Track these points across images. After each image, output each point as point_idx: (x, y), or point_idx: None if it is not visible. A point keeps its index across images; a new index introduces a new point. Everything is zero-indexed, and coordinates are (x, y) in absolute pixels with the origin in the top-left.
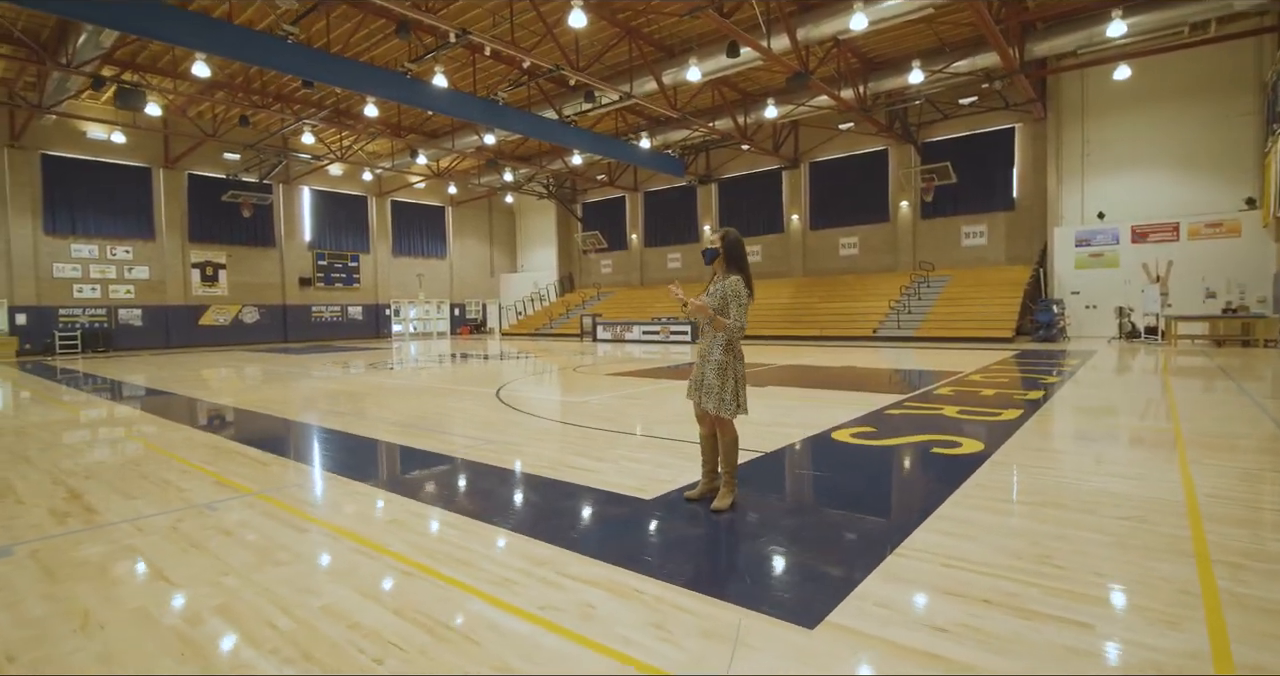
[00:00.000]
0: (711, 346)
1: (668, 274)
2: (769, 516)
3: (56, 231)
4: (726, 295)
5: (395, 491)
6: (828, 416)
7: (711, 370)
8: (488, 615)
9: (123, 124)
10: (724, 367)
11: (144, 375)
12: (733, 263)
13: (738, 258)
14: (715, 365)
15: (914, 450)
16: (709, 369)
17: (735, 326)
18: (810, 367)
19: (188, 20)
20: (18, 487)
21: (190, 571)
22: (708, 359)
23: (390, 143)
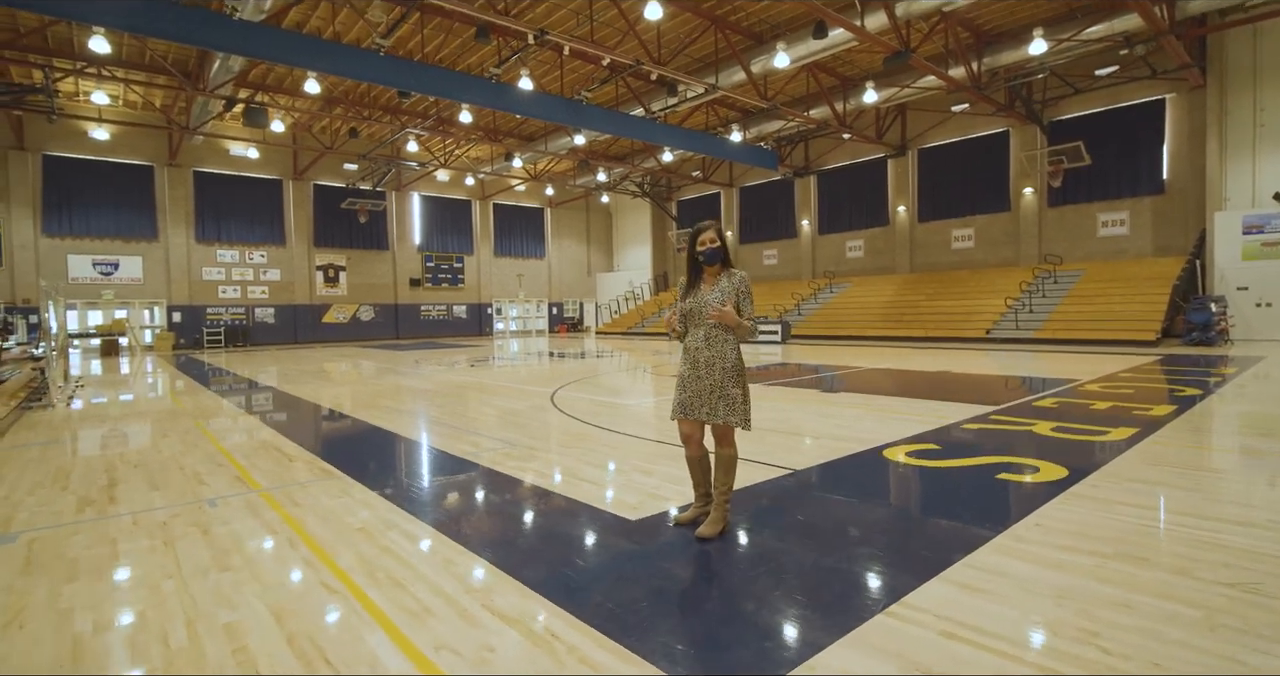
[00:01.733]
0: (724, 350)
1: (763, 271)
2: (758, 550)
3: (205, 239)
4: (740, 292)
5: (385, 495)
6: (889, 430)
7: (729, 378)
8: (374, 652)
9: (257, 141)
10: (741, 374)
11: (253, 368)
12: (727, 259)
13: (728, 253)
14: (732, 373)
15: (975, 474)
16: (725, 378)
17: (755, 326)
18: (898, 372)
19: (297, 42)
20: (73, 473)
21: (142, 572)
22: (720, 366)
23: (490, 147)
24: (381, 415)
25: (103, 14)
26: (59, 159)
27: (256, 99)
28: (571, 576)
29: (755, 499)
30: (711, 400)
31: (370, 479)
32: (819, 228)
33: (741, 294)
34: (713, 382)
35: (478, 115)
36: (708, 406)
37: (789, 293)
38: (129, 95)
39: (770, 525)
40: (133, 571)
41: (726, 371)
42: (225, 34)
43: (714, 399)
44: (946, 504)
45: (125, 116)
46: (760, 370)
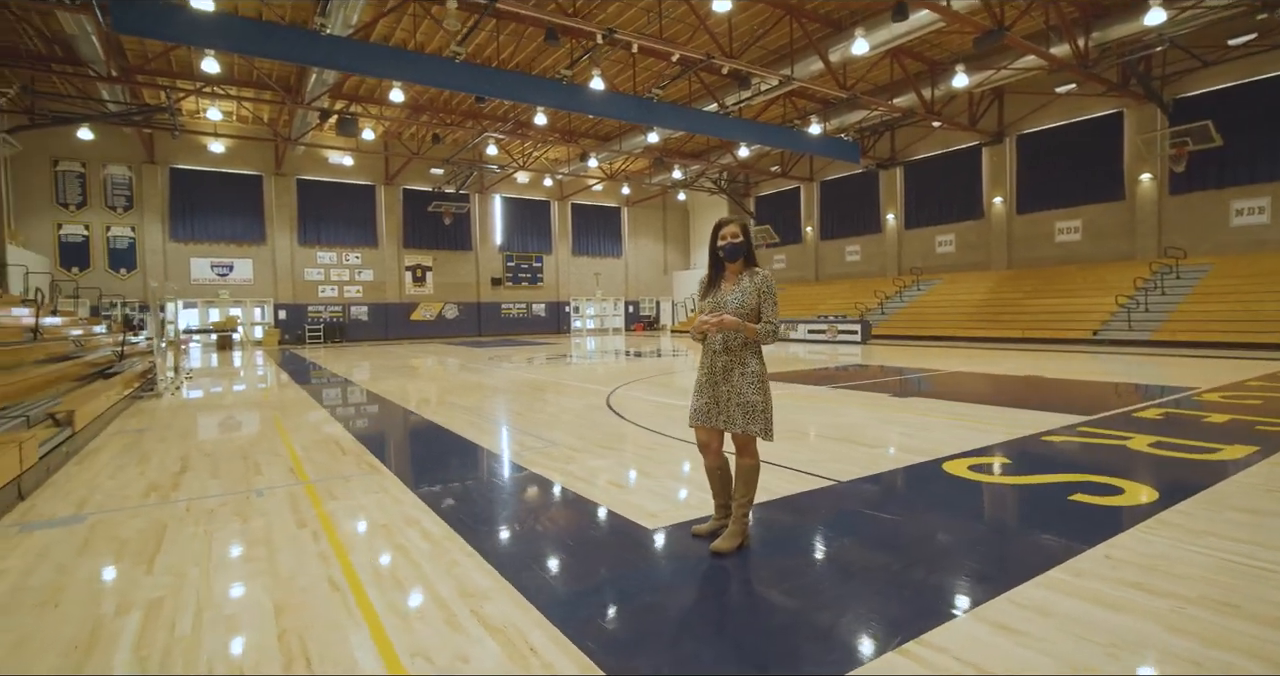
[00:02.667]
0: (743, 355)
1: (845, 268)
2: (773, 570)
3: (306, 242)
4: (761, 293)
5: (417, 492)
6: (957, 440)
7: (749, 384)
8: (353, 654)
9: (351, 149)
10: (762, 380)
11: (340, 364)
12: (751, 256)
13: (752, 250)
14: (753, 378)
15: (1044, 494)
16: (745, 383)
17: (775, 329)
18: (983, 376)
19: (380, 54)
20: (152, 459)
21: (176, 558)
22: (739, 372)
23: (567, 149)
24: (442, 411)
25: (212, 37)
26: (183, 171)
27: (349, 110)
28: (570, 587)
29: (786, 511)
30: (729, 408)
31: (409, 475)
32: (905, 222)
33: (763, 294)
34: (730, 389)
35: (553, 117)
36: (725, 414)
37: (871, 290)
38: (240, 111)
39: (794, 542)
40: (168, 557)
41: (746, 377)
42: (315, 50)
43: (731, 406)
44: (1003, 527)
45: (237, 130)
46: (830, 372)
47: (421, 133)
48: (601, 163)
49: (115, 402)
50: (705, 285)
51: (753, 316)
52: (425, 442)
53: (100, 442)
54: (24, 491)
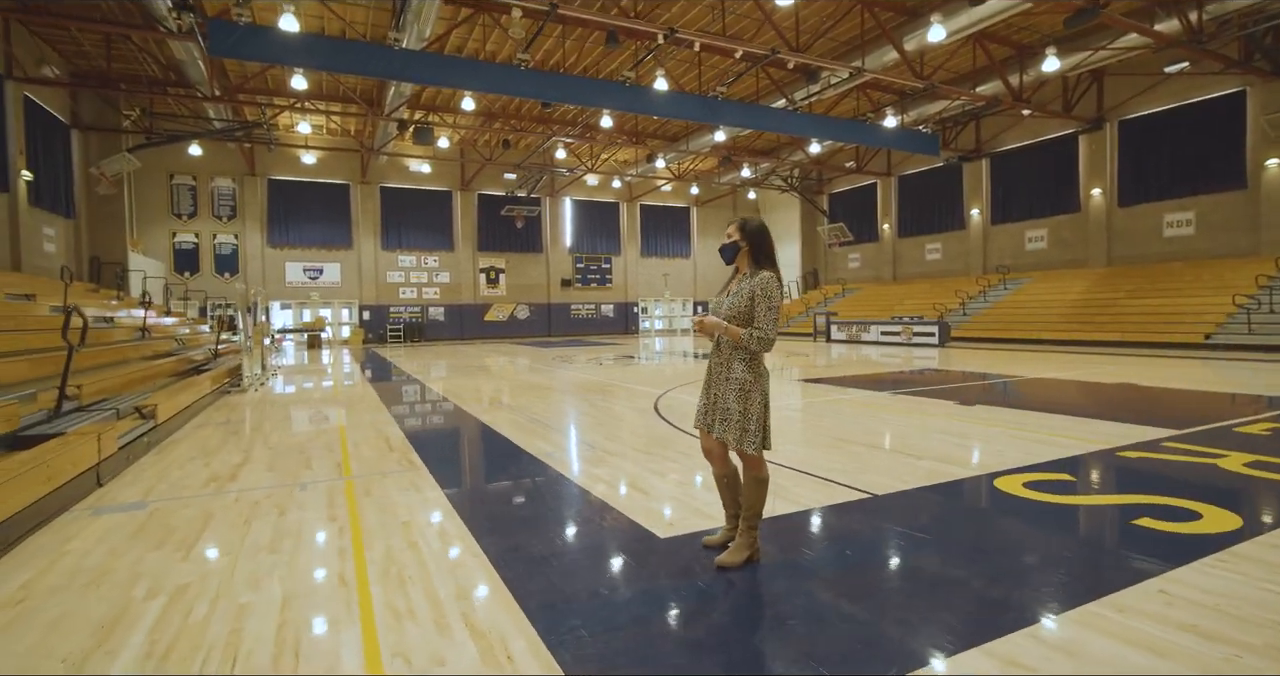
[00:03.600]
0: (731, 360)
1: (925, 267)
2: (780, 588)
3: (388, 246)
4: (755, 295)
5: (446, 491)
6: (1019, 453)
7: (731, 391)
8: (338, 650)
9: (428, 157)
10: (746, 389)
11: (412, 362)
12: (762, 256)
13: (766, 249)
14: (736, 385)
15: (1106, 517)
16: (727, 389)
17: (762, 337)
18: (1067, 383)
19: (448, 64)
20: (220, 451)
21: (212, 547)
22: (724, 376)
23: (635, 150)
24: (492, 410)
25: (298, 56)
26: (279, 181)
27: (425, 119)
28: (565, 595)
29: (809, 524)
30: (716, 413)
31: (444, 474)
32: (992, 217)
33: (757, 297)
34: (717, 393)
35: (620, 119)
36: (711, 416)
37: (953, 290)
38: (329, 124)
39: (811, 557)
40: (205, 546)
41: (729, 383)
42: (390, 64)
43: (718, 412)
44: (1047, 552)
45: (327, 142)
46: (898, 376)
47: (494, 139)
48: (669, 163)
49: (202, 397)
50: (726, 283)
51: (744, 319)
52: (468, 442)
53: (182, 434)
54: (102, 478)
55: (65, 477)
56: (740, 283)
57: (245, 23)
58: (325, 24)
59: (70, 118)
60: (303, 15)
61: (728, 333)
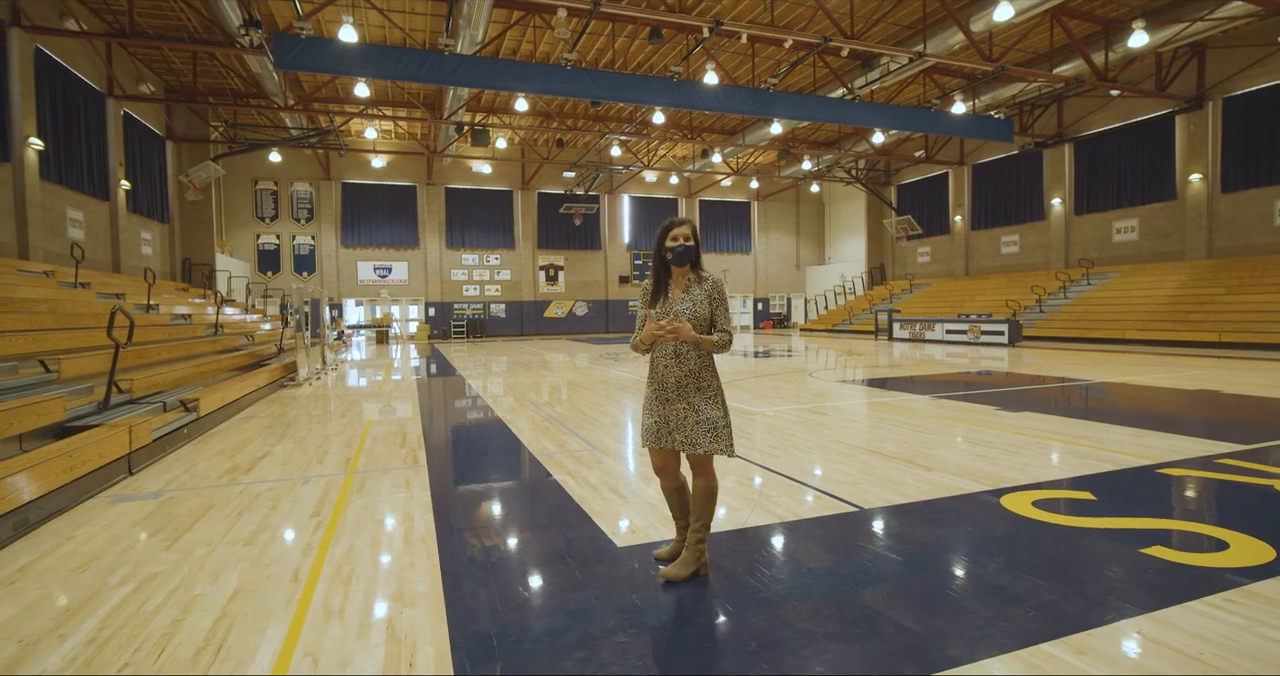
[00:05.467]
0: (700, 370)
1: (1000, 261)
2: (716, 606)
3: (452, 245)
4: (714, 300)
5: (434, 488)
6: (1041, 467)
7: (708, 400)
8: (257, 647)
9: (489, 158)
10: (719, 394)
11: (466, 359)
12: (698, 261)
13: (699, 254)
14: (711, 393)
15: (1113, 543)
16: (703, 400)
17: (729, 338)
18: (1138, 389)
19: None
20: (249, 444)
21: (197, 536)
22: (695, 388)
23: (691, 145)
24: (519, 409)
25: (357, 66)
26: (351, 185)
27: (482, 121)
28: (493, 604)
29: (778, 538)
30: (687, 427)
31: (440, 473)
32: (1075, 206)
33: (715, 300)
34: (687, 406)
35: (673, 114)
36: (682, 433)
37: (1028, 285)
38: (396, 129)
39: (767, 574)
40: (192, 536)
41: (704, 393)
42: (442, 69)
43: (690, 425)
44: (1024, 582)
45: (394, 146)
46: (947, 378)
47: (550, 139)
48: (726, 157)
49: (255, 390)
50: (650, 292)
51: (705, 325)
52: (479, 441)
53: (226, 426)
54: (134, 467)
55: (90, 467)
56: (690, 289)
57: (307, 36)
58: (387, 33)
59: (165, 130)
60: (366, 25)
61: (702, 342)
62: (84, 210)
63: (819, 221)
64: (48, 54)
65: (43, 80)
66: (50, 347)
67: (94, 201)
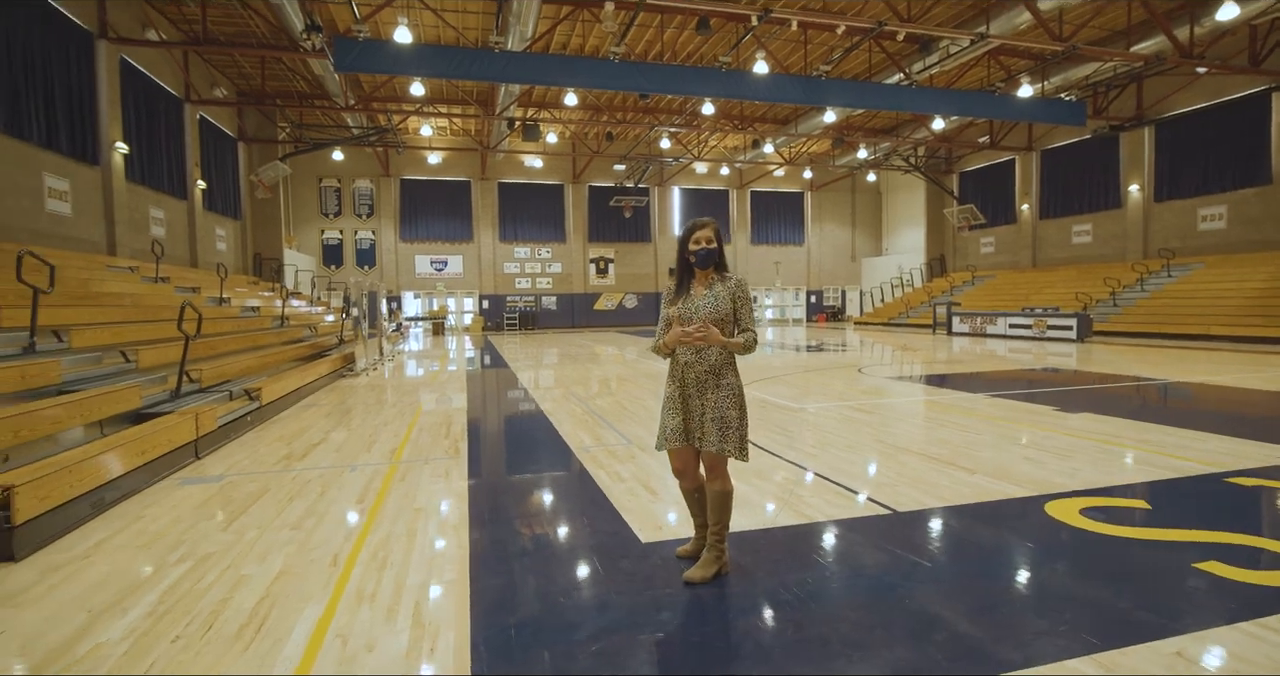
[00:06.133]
0: (719, 367)
1: (1071, 251)
2: (731, 613)
3: (505, 239)
4: (737, 299)
5: (471, 478)
6: (1100, 472)
7: (726, 398)
8: (293, 626)
9: (540, 152)
10: (739, 394)
11: (516, 350)
12: (723, 262)
13: (724, 255)
14: (729, 391)
15: (1166, 556)
16: (721, 398)
17: (754, 338)
18: (1216, 389)
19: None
20: (306, 431)
21: (249, 520)
22: (714, 385)
23: (742, 136)
24: (561, 401)
25: (411, 65)
26: (409, 181)
27: (533, 116)
28: (515, 594)
29: (808, 537)
30: (703, 424)
31: (477, 463)
32: (1155, 193)
33: (739, 300)
34: (704, 403)
35: (723, 105)
36: (699, 430)
37: (1101, 277)
38: (452, 126)
39: (788, 576)
40: (246, 518)
41: (722, 390)
42: (492, 66)
43: (705, 422)
44: (1060, 593)
45: (449, 143)
46: (1007, 375)
47: (600, 132)
48: (778, 147)
49: (316, 379)
50: (672, 292)
51: (726, 322)
52: (519, 432)
53: (287, 414)
54: (200, 452)
55: (160, 451)
56: (713, 287)
57: (364, 38)
58: (440, 33)
59: (237, 132)
60: (421, 26)
61: (729, 345)
62: (164, 209)
63: (875, 211)
64: (131, 63)
65: (127, 88)
66: (131, 339)
67: (173, 200)
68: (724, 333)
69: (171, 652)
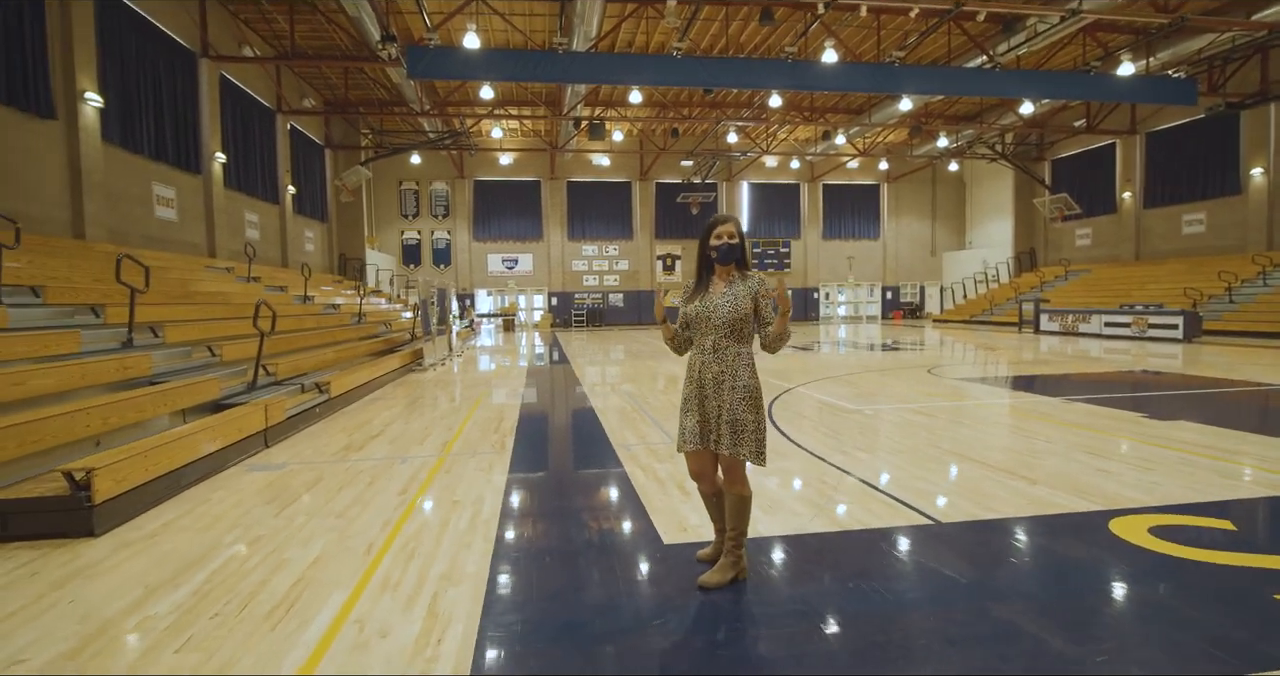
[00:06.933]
0: (735, 366)
1: (1180, 243)
2: (745, 622)
3: (574, 237)
4: (758, 296)
5: (511, 473)
6: (1186, 487)
7: (741, 401)
8: (318, 611)
9: (607, 150)
10: (755, 396)
11: (579, 347)
12: (744, 260)
13: (746, 253)
14: (745, 394)
15: (1241, 583)
16: (736, 398)
17: (788, 333)
18: None
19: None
20: (369, 424)
21: (301, 506)
22: (730, 386)
23: (813, 127)
24: (613, 398)
25: (480, 70)
26: (482, 182)
27: (600, 115)
28: (529, 590)
29: (838, 545)
30: (719, 426)
31: (521, 459)
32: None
33: (761, 297)
34: (720, 404)
35: (792, 96)
36: (715, 433)
37: (1214, 271)
38: (521, 127)
39: (808, 586)
40: (297, 505)
41: (737, 391)
42: (555, 67)
43: (720, 424)
44: (1109, 622)
45: (519, 144)
46: (1093, 378)
47: (666, 129)
48: (851, 138)
49: (385, 373)
50: (690, 289)
51: (747, 322)
52: (566, 429)
53: (355, 407)
54: (269, 441)
55: (231, 439)
56: (732, 285)
57: (435, 46)
58: (509, 37)
59: (324, 139)
60: (490, 31)
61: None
62: (258, 213)
63: (958, 203)
64: (229, 78)
65: (225, 102)
66: (218, 334)
67: (266, 205)
68: (743, 332)
69: (208, 629)
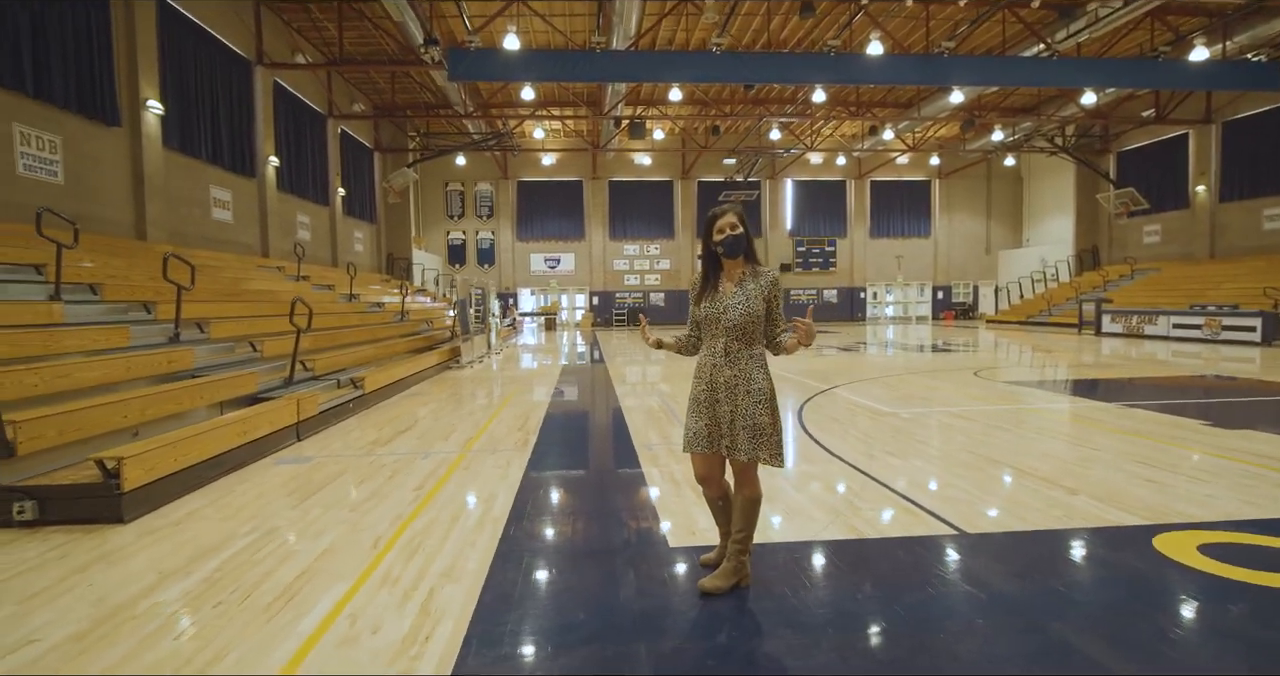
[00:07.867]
0: (749, 369)
1: (1259, 239)
2: (739, 625)
3: (615, 237)
4: (771, 298)
5: (528, 472)
6: (1242, 501)
7: (757, 404)
8: (317, 603)
9: (649, 150)
10: (770, 397)
11: (615, 347)
12: (752, 253)
13: (753, 244)
14: (760, 397)
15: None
16: (751, 403)
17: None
18: None
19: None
20: (397, 419)
21: (323, 498)
22: (744, 390)
23: (861, 122)
24: (642, 397)
25: (520, 71)
26: (525, 182)
27: (640, 114)
28: (523, 591)
29: (852, 554)
30: (733, 430)
31: (541, 457)
32: None
33: (773, 299)
34: (734, 408)
35: (837, 91)
36: (728, 438)
37: None
38: (564, 128)
39: (813, 596)
40: (315, 498)
41: (753, 395)
42: (593, 66)
43: (735, 428)
44: (1138, 648)
45: (561, 144)
46: (1158, 382)
47: (708, 126)
48: (900, 133)
49: (423, 370)
50: (698, 287)
51: (759, 324)
52: (589, 428)
53: (389, 402)
54: (301, 435)
55: (263, 432)
56: (744, 284)
57: (475, 48)
58: (550, 38)
59: (373, 142)
60: (531, 32)
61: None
62: (309, 214)
63: (1014, 199)
64: (282, 85)
65: (279, 108)
66: (261, 331)
67: (317, 207)
68: (754, 333)
69: (209, 617)
